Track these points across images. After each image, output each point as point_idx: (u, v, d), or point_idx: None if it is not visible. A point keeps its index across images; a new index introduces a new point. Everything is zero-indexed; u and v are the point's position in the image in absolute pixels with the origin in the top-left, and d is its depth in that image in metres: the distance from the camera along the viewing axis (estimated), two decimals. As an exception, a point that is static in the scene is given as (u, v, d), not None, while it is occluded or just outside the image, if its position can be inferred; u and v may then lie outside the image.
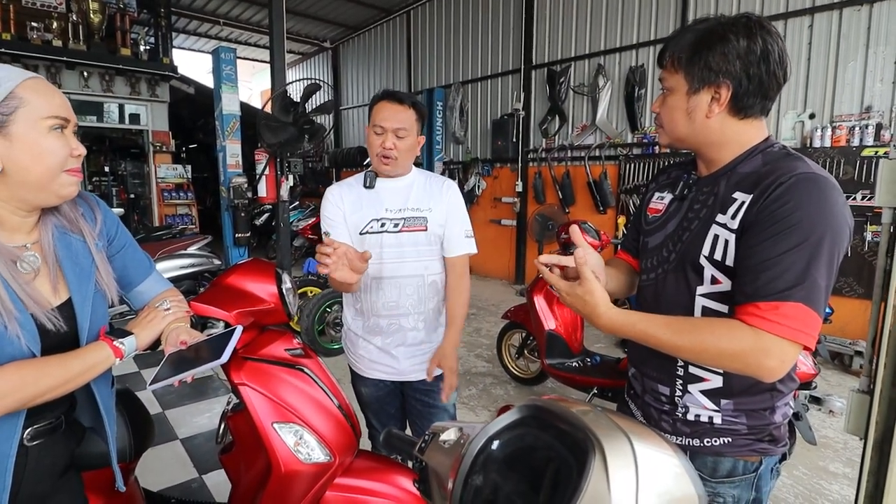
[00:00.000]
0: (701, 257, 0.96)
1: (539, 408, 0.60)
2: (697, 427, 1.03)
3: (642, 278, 1.15)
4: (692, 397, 1.03)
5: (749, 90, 0.92)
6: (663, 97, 1.01)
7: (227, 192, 5.66)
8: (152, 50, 7.37)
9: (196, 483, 2.47)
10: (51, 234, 0.95)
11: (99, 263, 1.00)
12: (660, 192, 1.15)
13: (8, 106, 0.83)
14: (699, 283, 0.98)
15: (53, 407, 0.96)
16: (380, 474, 1.45)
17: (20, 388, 0.82)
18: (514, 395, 3.52)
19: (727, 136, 0.97)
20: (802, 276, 0.83)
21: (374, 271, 1.62)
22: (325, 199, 1.69)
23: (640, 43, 5.60)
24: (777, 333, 0.83)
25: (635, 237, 1.24)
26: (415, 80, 8.81)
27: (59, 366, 0.87)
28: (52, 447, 0.99)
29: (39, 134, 0.86)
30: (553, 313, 3.17)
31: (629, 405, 1.21)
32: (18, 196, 0.88)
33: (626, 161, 5.74)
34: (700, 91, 0.94)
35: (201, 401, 3.42)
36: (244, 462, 1.39)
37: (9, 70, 0.86)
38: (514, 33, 6.96)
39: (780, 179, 0.87)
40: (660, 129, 1.05)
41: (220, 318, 1.26)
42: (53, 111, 0.87)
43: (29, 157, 0.85)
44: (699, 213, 1.00)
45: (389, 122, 1.57)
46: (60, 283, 0.95)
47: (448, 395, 1.67)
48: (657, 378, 1.08)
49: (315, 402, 1.37)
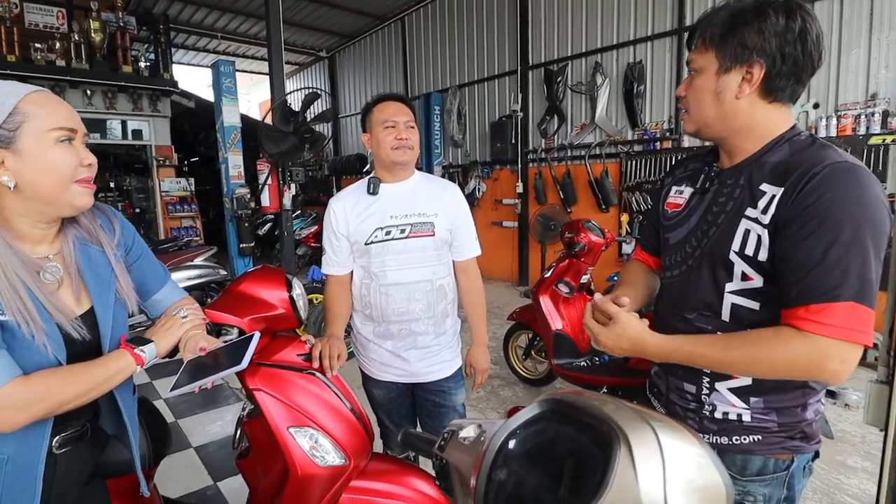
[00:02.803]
0: (731, 253, 0.93)
1: (559, 401, 0.61)
2: (725, 425, 1.00)
3: (665, 275, 1.12)
4: (720, 395, 1.00)
5: (782, 71, 0.88)
6: (690, 79, 0.98)
7: (230, 203, 5.69)
8: (153, 66, 7.43)
9: (211, 490, 2.49)
10: (71, 245, 0.97)
11: (118, 273, 1.02)
12: (677, 185, 1.12)
13: (13, 122, 0.84)
14: (728, 279, 0.95)
15: (79, 415, 0.98)
16: (394, 476, 1.46)
17: (46, 396, 0.83)
18: (522, 396, 3.52)
19: (755, 120, 0.94)
20: (850, 272, 0.80)
21: (383, 279, 1.63)
22: (328, 213, 1.71)
23: (638, 39, 5.60)
24: (833, 336, 0.80)
25: (653, 234, 1.21)
26: (411, 86, 8.85)
27: (84, 374, 0.89)
28: (78, 455, 1.01)
29: (46, 147, 0.86)
30: (560, 313, 3.16)
31: (652, 403, 1.19)
32: (35, 209, 0.89)
33: (627, 158, 5.73)
34: (731, 70, 0.91)
35: (213, 409, 3.44)
36: (261, 467, 1.39)
37: (12, 85, 0.87)
38: (509, 34, 6.98)
39: (813, 171, 0.84)
40: (685, 115, 1.01)
41: (234, 324, 1.27)
42: (59, 123, 0.88)
43: (38, 170, 0.86)
44: (725, 206, 0.97)
45: (398, 116, 1.61)
46: (82, 293, 0.97)
47: (478, 388, 1.81)
48: (683, 376, 1.05)
49: (328, 406, 1.37)
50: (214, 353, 1.03)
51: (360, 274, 1.70)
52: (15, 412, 0.80)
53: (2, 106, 0.84)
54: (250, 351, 0.99)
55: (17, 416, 0.81)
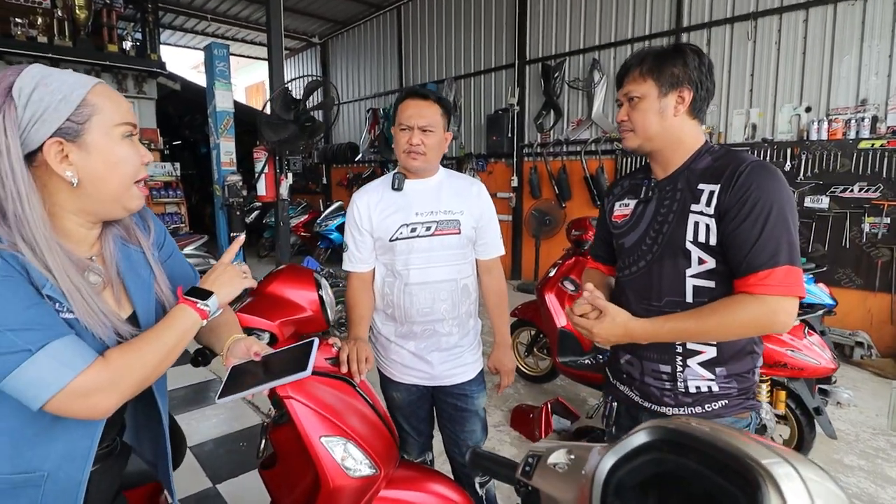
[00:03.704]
0: (687, 242, 1.13)
1: (673, 430, 0.57)
2: (698, 396, 1.19)
3: (623, 274, 1.30)
4: (691, 370, 1.18)
5: (702, 95, 1.15)
6: (631, 106, 1.19)
7: (221, 190, 5.55)
8: (139, 46, 7.17)
9: (212, 493, 2.40)
10: (112, 245, 0.91)
11: (157, 274, 0.96)
12: (620, 200, 1.34)
13: (82, 114, 0.78)
14: (687, 266, 1.14)
15: (109, 429, 0.91)
16: (420, 483, 1.42)
17: (131, 370, 0.78)
18: (524, 393, 3.50)
19: (685, 132, 1.18)
20: (781, 243, 1.03)
21: (406, 277, 1.58)
22: (351, 207, 1.65)
23: (636, 38, 5.60)
24: (779, 293, 1.02)
25: (604, 246, 1.43)
26: (406, 76, 8.73)
27: (155, 340, 0.83)
28: (108, 471, 0.96)
29: (113, 142, 0.81)
30: (564, 310, 3.15)
31: (620, 389, 1.34)
32: (89, 209, 0.83)
33: (622, 155, 5.75)
34: (668, 94, 1.14)
35: (206, 406, 3.34)
36: (290, 477, 1.34)
37: (77, 76, 0.81)
38: (507, 28, 6.92)
39: (740, 168, 1.07)
40: (628, 134, 1.22)
41: (265, 328, 1.21)
42: (124, 117, 0.83)
43: (105, 166, 0.81)
44: (672, 207, 1.17)
45: (415, 119, 1.53)
46: (123, 296, 0.91)
47: (503, 390, 1.77)
48: (657, 359, 1.22)
49: (358, 413, 1.32)
50: (265, 360, 0.98)
51: (383, 272, 1.65)
52: (104, 395, 0.75)
53: (69, 97, 0.77)
54: (312, 357, 0.95)
55: (106, 400, 0.75)
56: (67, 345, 0.73)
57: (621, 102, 1.23)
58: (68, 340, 0.73)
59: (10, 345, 0.69)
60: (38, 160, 0.78)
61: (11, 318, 0.70)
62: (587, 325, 1.13)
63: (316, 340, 1.02)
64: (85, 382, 0.73)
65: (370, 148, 9.50)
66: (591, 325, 1.13)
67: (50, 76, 0.78)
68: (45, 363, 0.70)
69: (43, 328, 0.72)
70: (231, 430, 3.00)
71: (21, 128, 0.75)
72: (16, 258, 0.73)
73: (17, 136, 0.75)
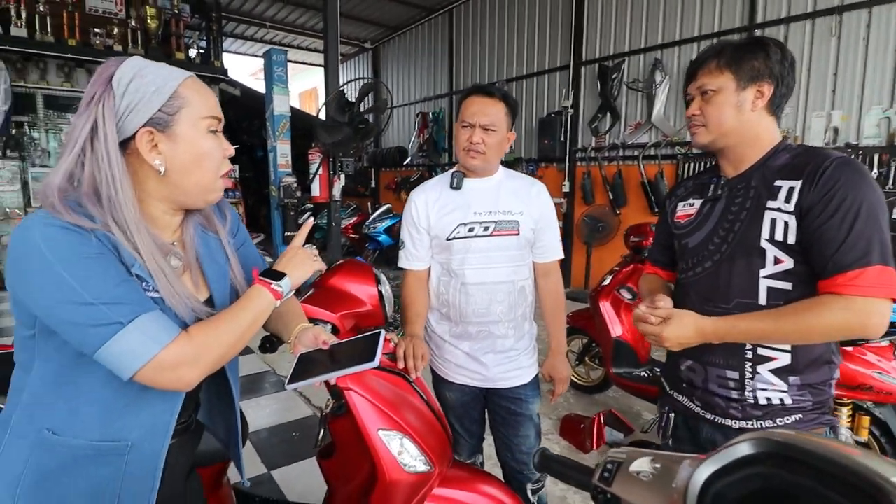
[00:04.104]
0: (762, 241, 1.06)
1: (782, 443, 0.51)
2: (768, 409, 1.10)
3: (686, 275, 1.22)
4: (762, 378, 1.10)
5: (782, 91, 1.10)
6: (705, 100, 1.13)
7: (277, 191, 5.73)
8: (203, 54, 7.54)
9: (266, 478, 2.47)
10: (192, 231, 0.94)
11: (232, 262, 1.00)
12: (683, 201, 1.28)
13: (172, 106, 0.82)
14: (762, 266, 1.07)
15: (186, 406, 0.95)
16: (473, 484, 1.40)
17: (212, 346, 0.81)
18: (573, 402, 3.40)
19: (762, 129, 1.12)
20: (873, 242, 0.96)
21: (462, 277, 1.56)
22: (408, 205, 1.64)
23: (703, 35, 5.35)
24: (872, 295, 0.95)
25: (664, 251, 1.36)
26: (457, 79, 8.75)
27: (232, 319, 0.85)
28: (184, 446, 0.99)
29: (200, 134, 0.85)
30: (620, 320, 3.03)
31: (678, 400, 1.25)
32: (173, 197, 0.87)
33: (684, 160, 5.51)
34: (747, 88, 1.09)
35: (260, 396, 3.45)
36: (347, 468, 1.35)
37: (170, 69, 0.85)
38: (563, 28, 6.80)
39: (824, 164, 1.01)
40: (699, 129, 1.15)
41: (327, 319, 1.22)
42: (211, 111, 0.86)
43: (190, 157, 0.84)
44: (744, 204, 1.11)
45: (477, 117, 1.50)
46: (200, 280, 0.95)
47: (556, 398, 1.73)
48: (724, 364, 1.13)
49: (415, 410, 1.31)
50: (333, 349, 0.99)
51: (438, 271, 1.63)
52: (189, 368, 0.78)
53: (162, 89, 0.81)
54: (380, 348, 0.96)
55: (191, 372, 0.78)
56: (155, 319, 0.76)
57: (691, 98, 1.17)
58: (155, 315, 0.77)
59: (104, 317, 0.72)
60: (131, 148, 0.82)
61: (104, 293, 0.73)
62: (655, 332, 1.08)
63: (382, 332, 1.02)
64: (170, 355, 0.76)
65: (419, 152, 9.58)
66: (660, 331, 1.07)
67: (146, 68, 0.82)
68: (135, 336, 0.73)
69: (132, 303, 0.75)
70: (284, 420, 3.09)
71: (118, 116, 0.79)
72: (108, 238, 0.77)
73: (114, 124, 0.79)
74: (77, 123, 0.80)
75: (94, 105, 0.79)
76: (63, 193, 0.77)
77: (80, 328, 0.72)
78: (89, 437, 0.81)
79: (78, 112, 0.81)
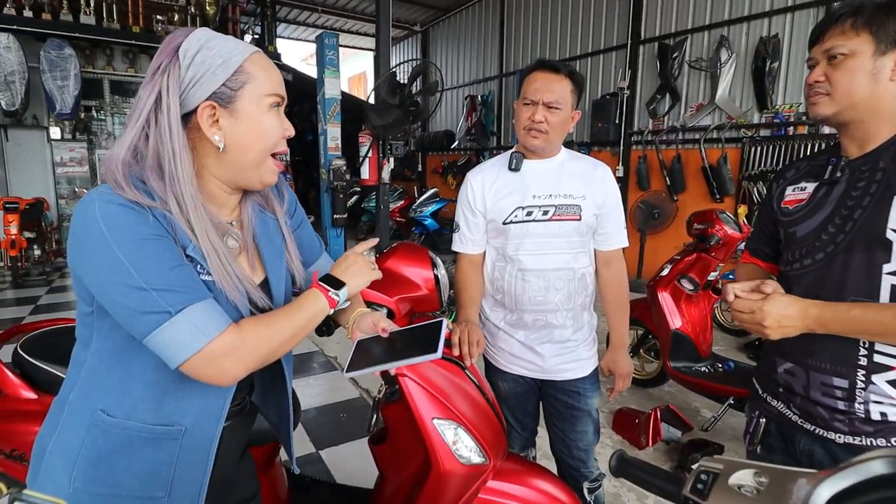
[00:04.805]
0: (888, 231, 0.92)
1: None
2: (883, 426, 0.96)
3: (792, 268, 1.09)
4: (878, 389, 0.95)
5: None
6: (832, 64, 0.98)
7: (326, 174, 5.80)
8: (258, 39, 7.70)
9: (315, 457, 2.51)
10: (250, 211, 0.92)
11: (289, 243, 0.97)
12: (793, 185, 1.14)
13: (237, 81, 0.80)
14: (886, 259, 0.93)
15: (241, 388, 0.94)
16: (527, 478, 1.35)
17: (260, 344, 0.79)
18: (627, 396, 3.28)
19: None
20: None
21: (518, 263, 1.49)
22: (464, 186, 1.58)
23: (775, 10, 4.97)
24: None
25: (766, 241, 1.22)
26: (507, 61, 8.55)
27: (286, 319, 0.84)
28: (238, 429, 0.98)
29: (261, 111, 0.82)
30: (680, 311, 2.88)
31: (772, 405, 1.13)
32: (229, 175, 0.85)
33: (750, 144, 5.16)
34: (887, 53, 0.93)
35: (309, 376, 3.52)
36: (400, 455, 1.33)
37: (237, 43, 0.82)
38: (620, 5, 6.48)
39: None
40: (821, 98, 1.00)
41: (384, 303, 1.19)
42: (274, 88, 0.84)
43: (250, 134, 0.82)
44: (868, 189, 0.97)
45: (541, 94, 1.41)
46: (256, 262, 0.92)
47: (615, 395, 1.64)
48: (831, 370, 1.00)
49: (469, 398, 1.27)
50: (393, 337, 0.95)
51: (493, 255, 1.57)
52: (233, 363, 0.76)
53: (228, 62, 0.79)
54: (442, 338, 0.91)
55: (235, 368, 0.76)
56: (205, 309, 0.74)
57: (815, 62, 1.01)
58: (206, 305, 0.75)
59: (154, 304, 0.71)
60: (192, 122, 0.80)
61: (157, 278, 0.71)
62: (752, 306, 0.94)
63: (444, 321, 0.97)
64: (217, 348, 0.74)
65: (466, 135, 9.47)
66: (759, 305, 0.94)
67: (213, 39, 0.79)
68: (183, 326, 0.72)
69: (184, 290, 0.73)
70: (331, 401, 3.13)
71: (182, 88, 0.77)
72: (166, 217, 0.76)
73: (178, 96, 0.77)
74: (142, 95, 0.78)
75: (159, 75, 0.77)
76: (126, 167, 0.76)
77: (130, 312, 0.72)
78: (143, 420, 0.80)
79: (144, 83, 0.79)
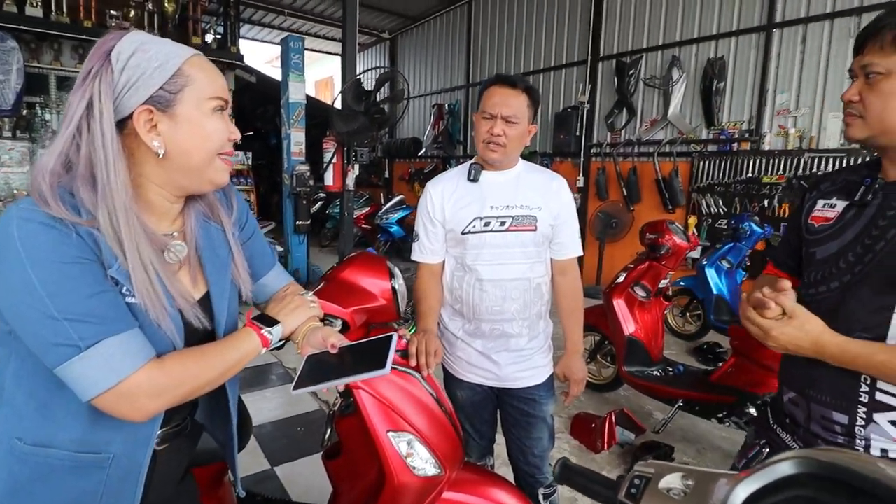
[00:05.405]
0: None
1: (826, 464, 0.47)
2: None
3: (808, 292, 1.02)
4: (878, 429, 0.90)
5: None
6: (869, 83, 0.89)
7: (290, 179, 5.71)
8: (220, 39, 7.51)
9: (269, 474, 2.44)
10: (193, 221, 0.88)
11: (235, 255, 0.93)
12: (825, 199, 1.05)
13: (175, 84, 0.76)
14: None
15: (181, 408, 0.90)
16: (484, 489, 1.36)
17: (182, 381, 0.75)
18: (584, 401, 3.36)
19: None
20: None
21: (477, 273, 1.52)
22: (424, 196, 1.60)
23: (721, 34, 5.26)
24: None
25: (791, 253, 1.13)
26: (473, 72, 8.67)
27: (216, 356, 0.81)
28: (177, 451, 0.94)
29: (204, 115, 0.79)
30: (634, 317, 2.99)
31: (776, 433, 1.08)
32: (174, 181, 0.81)
33: (699, 158, 5.43)
34: None
35: (266, 388, 3.43)
36: (354, 469, 1.32)
37: (175, 45, 0.79)
38: (580, 24, 6.71)
39: None
40: (855, 120, 0.92)
41: (338, 315, 1.18)
42: (217, 91, 0.80)
43: (192, 139, 0.78)
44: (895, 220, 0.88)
45: (499, 108, 1.45)
46: (199, 275, 0.88)
47: (570, 400, 1.67)
48: (831, 404, 0.95)
49: (425, 410, 1.28)
50: (342, 353, 0.94)
51: (452, 265, 1.60)
52: (149, 400, 0.72)
53: (165, 66, 0.75)
54: (391, 354, 0.90)
55: (151, 405, 0.72)
56: (122, 343, 0.70)
57: (855, 76, 0.93)
58: (124, 338, 0.71)
59: (65, 336, 0.67)
60: (128, 128, 0.76)
61: (71, 307, 0.67)
62: (765, 325, 0.90)
63: (395, 336, 0.98)
64: (131, 386, 0.70)
65: (433, 143, 9.52)
66: (771, 326, 0.89)
67: (149, 43, 0.76)
68: (94, 361, 0.68)
69: (99, 322, 0.69)
70: (289, 415, 3.05)
71: (115, 93, 0.73)
72: (91, 235, 0.71)
73: (111, 101, 0.73)
74: (72, 101, 0.73)
75: (90, 81, 0.73)
76: (56, 178, 0.71)
77: (40, 341, 0.67)
78: (65, 447, 0.75)
79: (74, 88, 0.74)
